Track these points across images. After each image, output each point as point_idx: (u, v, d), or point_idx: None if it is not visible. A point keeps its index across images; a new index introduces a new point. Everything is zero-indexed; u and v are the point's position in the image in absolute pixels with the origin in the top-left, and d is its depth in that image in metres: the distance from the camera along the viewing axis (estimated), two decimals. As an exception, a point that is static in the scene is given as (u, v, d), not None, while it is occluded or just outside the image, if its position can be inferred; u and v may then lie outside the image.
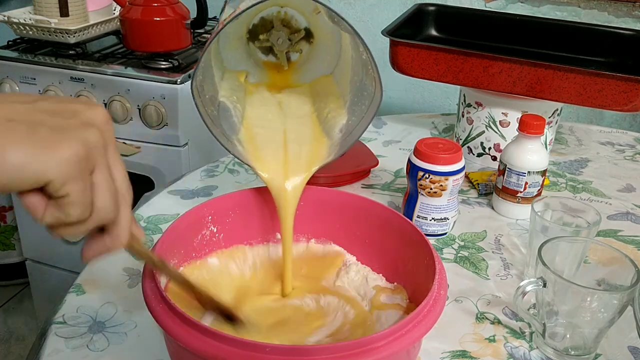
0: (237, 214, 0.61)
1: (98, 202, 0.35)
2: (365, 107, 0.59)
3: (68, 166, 0.32)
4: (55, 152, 0.31)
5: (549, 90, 0.86)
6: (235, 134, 0.61)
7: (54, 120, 0.33)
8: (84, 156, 0.33)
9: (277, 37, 0.62)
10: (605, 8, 1.39)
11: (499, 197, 0.81)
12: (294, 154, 0.61)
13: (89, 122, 0.34)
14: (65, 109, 0.35)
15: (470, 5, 1.46)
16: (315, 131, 0.62)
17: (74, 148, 0.32)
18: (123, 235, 0.38)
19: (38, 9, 1.33)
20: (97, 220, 0.35)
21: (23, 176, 0.31)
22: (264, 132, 0.62)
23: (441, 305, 0.47)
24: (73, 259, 1.45)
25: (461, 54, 0.89)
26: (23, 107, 0.33)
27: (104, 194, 0.35)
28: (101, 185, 0.35)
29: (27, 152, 0.31)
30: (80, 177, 0.33)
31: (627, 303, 0.52)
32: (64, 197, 0.33)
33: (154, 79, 1.24)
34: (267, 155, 0.60)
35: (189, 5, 1.32)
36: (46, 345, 0.56)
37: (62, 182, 0.32)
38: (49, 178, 0.31)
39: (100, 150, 0.34)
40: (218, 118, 0.60)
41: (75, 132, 0.33)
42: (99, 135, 0.34)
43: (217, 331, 0.42)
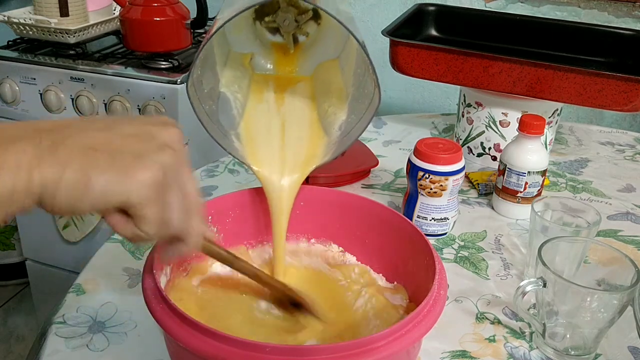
0: (237, 214, 0.61)
1: (171, 220, 0.38)
2: (364, 107, 0.58)
3: (148, 190, 0.35)
4: (136, 177, 0.34)
5: (549, 90, 0.86)
6: (234, 129, 0.60)
7: (132, 145, 0.36)
8: (161, 179, 0.35)
9: (283, 18, 0.61)
10: (605, 8, 1.39)
11: (499, 197, 0.81)
12: (292, 152, 0.60)
13: (165, 144, 0.37)
14: (142, 131, 0.37)
15: (470, 5, 1.46)
16: (315, 127, 0.62)
17: (152, 172, 0.35)
18: (195, 242, 0.42)
19: (38, 9, 1.33)
20: (170, 234, 0.39)
21: (107, 200, 0.34)
22: (263, 126, 0.61)
23: (441, 305, 0.47)
24: (73, 259, 1.45)
25: (461, 54, 0.89)
26: (103, 134, 0.35)
27: (176, 211, 0.38)
28: (174, 204, 0.37)
29: (110, 179, 0.33)
30: (158, 199, 0.36)
31: (627, 303, 0.52)
32: (142, 217, 0.36)
33: (154, 79, 1.24)
34: (264, 152, 0.60)
35: (189, 5, 1.32)
36: (46, 345, 0.56)
37: (142, 205, 0.35)
38: (131, 202, 0.35)
39: (174, 170, 0.37)
40: (216, 113, 0.59)
41: (153, 156, 0.35)
42: (174, 157, 0.37)
43: (217, 331, 0.42)
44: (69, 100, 1.30)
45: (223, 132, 0.60)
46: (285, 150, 0.61)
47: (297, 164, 0.60)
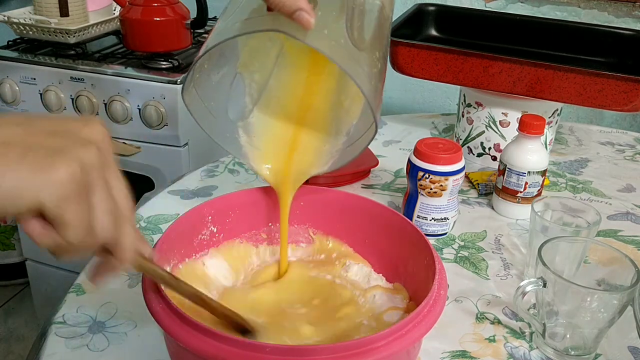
0: (237, 214, 0.61)
1: (97, 224, 0.34)
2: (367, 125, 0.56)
3: (63, 188, 0.31)
4: (50, 174, 0.31)
5: (549, 90, 0.86)
6: (243, 119, 0.59)
7: (49, 141, 0.32)
8: (80, 177, 0.32)
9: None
10: (605, 8, 1.39)
11: (499, 197, 0.81)
12: (298, 154, 0.59)
13: (87, 141, 0.33)
14: (62, 128, 0.34)
15: (470, 5, 1.46)
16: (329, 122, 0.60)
17: (69, 169, 0.31)
18: (127, 255, 0.37)
19: (38, 9, 1.33)
20: (96, 241, 0.34)
21: (17, 199, 0.30)
22: (278, 114, 0.59)
23: (441, 305, 0.47)
24: (73, 259, 1.45)
25: (461, 54, 0.89)
26: (18, 128, 0.32)
27: (102, 215, 0.34)
28: (99, 206, 0.33)
29: (21, 175, 0.30)
30: (77, 199, 0.32)
31: (627, 303, 0.52)
32: (60, 221, 0.32)
33: (154, 79, 1.24)
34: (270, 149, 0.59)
35: (189, 5, 1.33)
36: (46, 345, 0.56)
37: (57, 204, 0.31)
38: (43, 200, 0.31)
39: (97, 169, 0.33)
40: (225, 105, 0.58)
41: (71, 152, 0.32)
42: (96, 154, 0.33)
43: (217, 331, 0.42)
44: (69, 100, 1.30)
45: (228, 128, 0.58)
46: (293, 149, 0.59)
47: (301, 168, 0.59)
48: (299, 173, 0.59)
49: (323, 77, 0.59)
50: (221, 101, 0.59)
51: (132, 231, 0.37)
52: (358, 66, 0.47)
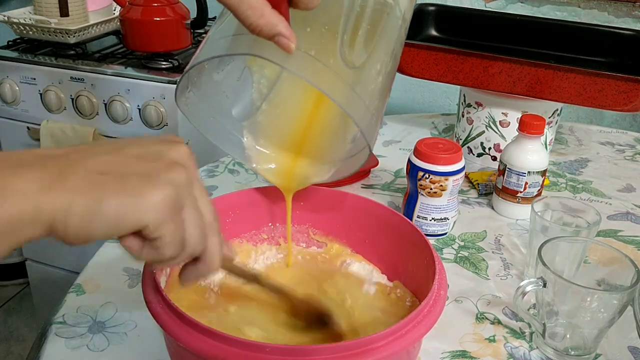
0: (237, 214, 0.61)
1: (188, 238, 0.36)
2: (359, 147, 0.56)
3: (160, 210, 0.33)
4: (147, 198, 0.33)
5: (549, 90, 0.86)
6: (248, 117, 0.58)
7: (141, 167, 0.35)
8: (174, 198, 0.34)
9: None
10: (605, 8, 1.39)
11: (499, 197, 0.81)
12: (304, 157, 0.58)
13: (174, 162, 0.36)
14: (150, 151, 0.36)
15: (470, 5, 1.46)
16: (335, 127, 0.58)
17: (164, 192, 0.34)
18: (215, 261, 0.40)
19: (38, 9, 1.33)
20: (189, 253, 0.37)
21: (120, 224, 0.33)
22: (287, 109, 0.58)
23: (441, 305, 0.47)
24: (73, 259, 1.45)
25: (461, 54, 0.89)
26: (111, 158, 0.35)
27: (193, 229, 0.36)
28: (190, 222, 0.36)
29: (122, 202, 0.32)
30: (172, 219, 0.35)
31: (627, 303, 0.52)
32: (158, 239, 0.34)
33: (154, 79, 1.24)
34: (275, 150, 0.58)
35: (189, 5, 1.32)
36: (46, 345, 0.56)
37: (157, 226, 0.34)
38: (145, 224, 0.33)
39: (186, 188, 0.36)
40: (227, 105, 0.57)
41: (163, 175, 0.34)
42: (184, 174, 0.36)
43: (217, 331, 0.42)
44: (69, 100, 1.30)
45: (230, 129, 0.58)
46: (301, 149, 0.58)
47: (304, 170, 0.58)
48: (303, 178, 0.59)
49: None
50: (224, 100, 0.58)
51: (218, 239, 0.40)
52: (347, 89, 0.46)
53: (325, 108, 0.57)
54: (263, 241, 0.64)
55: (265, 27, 0.42)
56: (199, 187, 0.38)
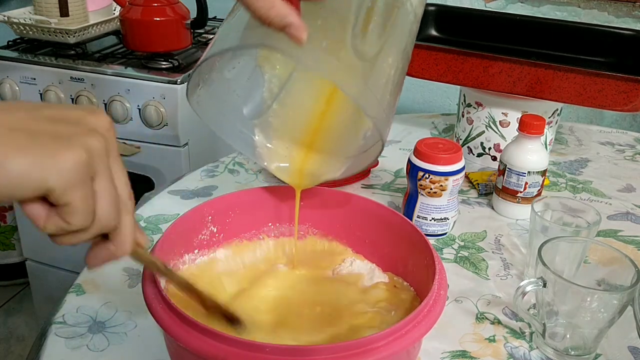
0: (237, 214, 0.61)
1: (99, 210, 0.34)
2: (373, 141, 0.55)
3: (69, 174, 0.31)
4: (57, 159, 0.31)
5: (549, 90, 0.86)
6: (259, 116, 0.57)
7: (56, 128, 0.33)
8: (86, 163, 0.32)
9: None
10: (605, 8, 1.39)
11: (499, 197, 0.81)
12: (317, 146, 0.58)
13: (92, 128, 0.34)
14: (68, 115, 0.34)
15: (470, 5, 1.46)
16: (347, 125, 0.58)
17: (75, 155, 0.32)
18: (126, 242, 0.38)
19: (38, 9, 1.33)
20: (99, 228, 0.35)
21: (25, 184, 0.31)
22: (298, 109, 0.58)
23: (441, 305, 0.47)
24: (73, 259, 1.45)
25: (461, 54, 0.89)
26: (25, 115, 0.33)
27: (105, 201, 0.34)
28: (103, 192, 0.34)
29: (29, 161, 0.30)
30: (82, 185, 0.32)
31: (627, 303, 0.52)
32: (66, 206, 0.32)
33: (154, 79, 1.24)
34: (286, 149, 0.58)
35: (189, 5, 1.33)
36: (46, 345, 0.56)
37: (64, 190, 0.32)
38: (51, 186, 0.31)
39: (102, 157, 0.34)
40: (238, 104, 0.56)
41: (78, 139, 0.32)
42: (101, 142, 0.34)
43: (217, 331, 0.42)
44: (69, 100, 1.30)
45: (241, 127, 0.57)
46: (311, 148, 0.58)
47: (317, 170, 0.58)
48: (315, 175, 0.59)
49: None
50: (235, 99, 0.57)
51: (131, 219, 0.38)
52: (360, 81, 0.45)
53: (336, 106, 0.57)
54: (263, 241, 0.64)
55: (275, 18, 0.42)
56: (116, 160, 0.36)
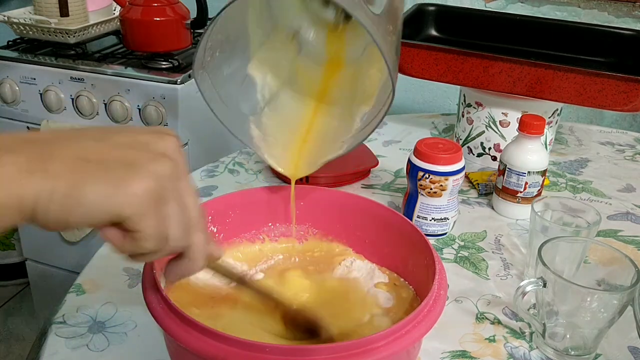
0: (237, 214, 0.61)
1: (171, 233, 0.35)
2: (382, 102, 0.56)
3: (141, 202, 0.33)
4: (129, 188, 0.32)
5: (549, 90, 0.86)
6: (255, 114, 0.58)
7: (125, 156, 0.34)
8: (156, 190, 0.33)
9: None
10: (605, 8, 1.39)
11: (499, 197, 0.81)
12: (311, 146, 0.59)
13: (160, 154, 0.35)
14: (137, 141, 0.35)
15: (470, 5, 1.46)
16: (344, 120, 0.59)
17: (146, 183, 0.33)
18: (199, 259, 0.39)
19: (38, 9, 1.33)
20: (171, 248, 0.36)
21: (99, 213, 0.32)
22: (291, 114, 0.58)
23: (441, 305, 0.47)
24: (73, 259, 1.45)
25: (461, 54, 0.89)
26: (96, 144, 0.34)
27: (176, 224, 0.35)
28: (173, 217, 0.35)
29: (102, 190, 0.32)
30: (153, 212, 0.34)
31: (627, 303, 0.52)
32: (138, 232, 0.34)
33: (154, 79, 1.24)
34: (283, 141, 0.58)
35: (189, 5, 1.32)
36: (46, 345, 0.56)
37: (136, 218, 0.33)
38: (124, 215, 0.33)
39: (170, 181, 0.35)
40: (236, 97, 0.57)
41: (147, 166, 0.34)
42: (170, 167, 0.35)
43: (217, 331, 0.42)
44: (69, 100, 1.30)
45: (240, 118, 0.58)
46: (305, 143, 0.59)
47: (312, 160, 0.58)
48: (312, 163, 0.59)
49: (339, 76, 0.59)
50: (233, 93, 0.58)
51: (203, 236, 0.39)
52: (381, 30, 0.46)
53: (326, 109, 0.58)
54: (263, 241, 0.64)
55: None
56: (185, 181, 0.37)
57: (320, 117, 0.59)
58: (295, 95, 0.59)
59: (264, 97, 0.59)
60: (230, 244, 0.62)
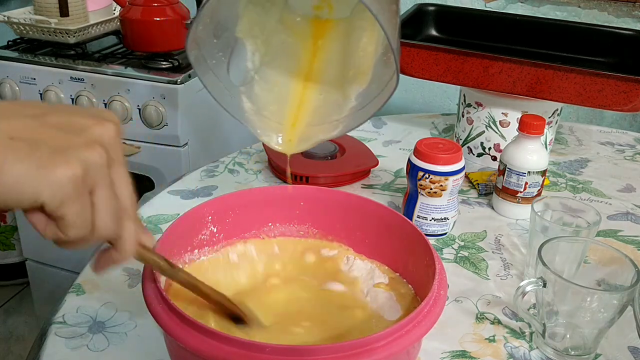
0: (237, 214, 0.61)
1: (98, 222, 0.35)
2: (383, 83, 0.54)
3: (62, 188, 0.32)
4: (51, 173, 0.31)
5: (549, 90, 0.86)
6: (245, 84, 0.57)
7: (57, 138, 0.33)
8: (81, 177, 0.32)
9: None
10: (605, 8, 1.39)
11: (499, 197, 0.81)
12: (305, 117, 0.58)
13: (95, 140, 0.34)
14: (74, 124, 0.34)
15: (470, 5, 1.46)
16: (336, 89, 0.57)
17: (70, 169, 0.32)
18: (127, 249, 0.38)
19: (38, 9, 1.33)
20: (97, 237, 0.35)
21: (18, 195, 0.31)
22: (282, 81, 0.57)
23: (441, 305, 0.47)
24: (73, 259, 1.45)
25: (461, 54, 0.89)
26: (30, 122, 0.33)
27: (104, 213, 0.35)
28: (101, 205, 0.34)
29: (23, 172, 0.30)
30: (77, 199, 0.33)
31: (627, 303, 0.52)
32: (60, 219, 0.33)
33: (154, 79, 1.24)
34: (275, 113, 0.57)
35: (189, 5, 1.33)
36: (46, 345, 0.56)
37: (57, 204, 0.32)
38: (43, 200, 0.31)
39: (102, 169, 0.34)
40: (225, 66, 0.56)
41: (77, 152, 0.32)
42: (102, 154, 0.34)
43: (217, 331, 0.42)
44: (69, 100, 1.30)
45: (231, 92, 0.57)
46: (299, 115, 0.57)
47: (307, 135, 0.57)
48: (305, 139, 0.58)
49: (326, 41, 0.58)
50: (223, 62, 0.57)
51: (133, 225, 0.38)
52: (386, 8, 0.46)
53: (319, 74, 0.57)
54: (263, 241, 0.64)
55: None
56: (118, 169, 0.36)
57: (312, 89, 0.58)
58: (285, 62, 0.58)
59: (255, 64, 0.58)
60: (230, 244, 0.62)
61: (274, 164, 0.89)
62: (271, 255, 0.63)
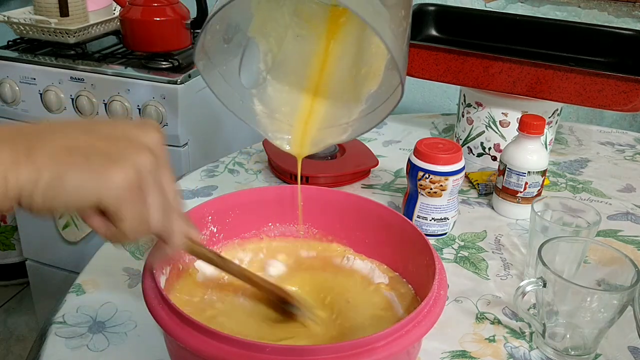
0: (237, 214, 0.61)
1: (151, 220, 0.38)
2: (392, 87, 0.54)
3: (120, 190, 0.35)
4: (108, 177, 0.35)
5: (549, 90, 0.86)
6: (256, 86, 0.58)
7: (109, 147, 0.36)
8: (136, 180, 0.36)
9: None
10: (605, 8, 1.39)
11: (499, 197, 0.81)
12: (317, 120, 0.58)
13: (143, 146, 0.38)
14: (121, 134, 0.38)
15: (470, 5, 1.46)
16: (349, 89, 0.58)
17: (126, 173, 0.36)
18: (177, 242, 0.43)
19: (38, 9, 1.33)
20: (150, 232, 0.39)
21: (81, 200, 0.35)
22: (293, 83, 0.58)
23: (441, 305, 0.47)
24: (73, 259, 1.45)
25: (461, 54, 0.89)
26: (81, 137, 0.36)
27: (156, 211, 0.38)
28: (153, 204, 0.38)
29: (83, 179, 0.34)
30: (132, 199, 0.36)
31: (627, 303, 0.52)
32: (118, 217, 0.36)
33: (154, 79, 1.24)
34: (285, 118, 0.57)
35: (189, 5, 1.33)
36: (46, 345, 0.56)
37: (115, 203, 0.36)
38: (104, 201, 0.35)
39: (151, 171, 0.37)
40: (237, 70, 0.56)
41: (128, 157, 0.36)
42: (151, 159, 0.37)
43: (217, 331, 0.42)
44: (69, 100, 1.30)
45: (242, 96, 0.57)
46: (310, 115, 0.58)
47: (317, 138, 0.58)
48: (316, 142, 0.59)
49: (339, 43, 0.58)
50: (234, 67, 0.57)
51: (181, 220, 0.42)
52: (383, 21, 0.46)
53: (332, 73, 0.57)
54: (263, 241, 0.64)
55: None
56: (165, 172, 0.40)
57: (324, 88, 0.58)
58: (298, 60, 0.58)
59: (267, 65, 0.58)
60: (230, 244, 0.62)
61: (274, 164, 0.89)
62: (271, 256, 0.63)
